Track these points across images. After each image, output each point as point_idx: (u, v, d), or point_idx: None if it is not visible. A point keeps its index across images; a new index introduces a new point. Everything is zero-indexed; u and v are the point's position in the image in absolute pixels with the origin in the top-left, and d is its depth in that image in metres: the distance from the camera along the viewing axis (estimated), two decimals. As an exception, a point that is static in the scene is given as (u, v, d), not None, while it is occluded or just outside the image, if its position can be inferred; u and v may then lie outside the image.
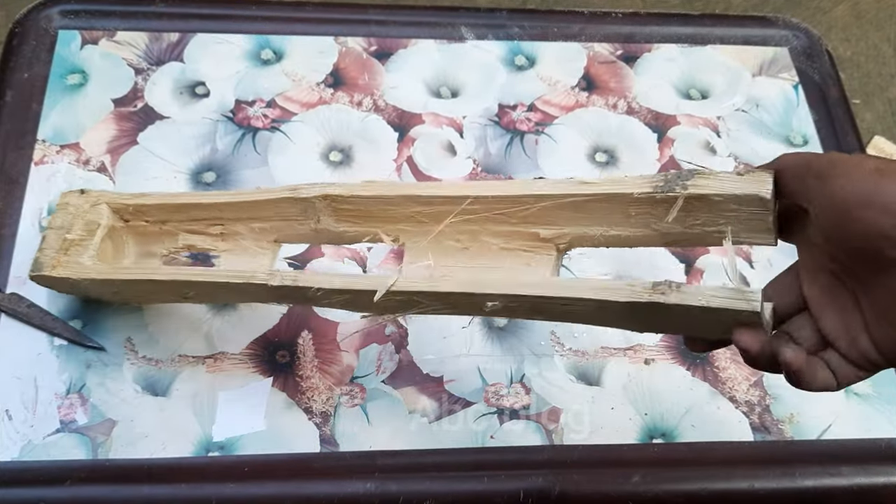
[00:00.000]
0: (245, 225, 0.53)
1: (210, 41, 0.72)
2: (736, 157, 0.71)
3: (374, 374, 0.58)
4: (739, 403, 0.59)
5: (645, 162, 0.70)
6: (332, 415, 0.56)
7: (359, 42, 0.74)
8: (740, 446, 0.58)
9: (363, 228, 0.50)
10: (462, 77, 0.73)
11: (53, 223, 0.55)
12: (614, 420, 0.58)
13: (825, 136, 0.73)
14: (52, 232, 0.55)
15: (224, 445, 0.55)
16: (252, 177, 0.66)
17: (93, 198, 0.56)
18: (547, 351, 0.60)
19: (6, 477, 0.52)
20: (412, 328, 0.60)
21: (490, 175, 0.68)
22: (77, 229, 0.54)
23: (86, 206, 0.55)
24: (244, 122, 0.68)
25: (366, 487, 0.54)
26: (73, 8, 0.71)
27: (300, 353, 0.59)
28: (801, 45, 0.78)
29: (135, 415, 0.55)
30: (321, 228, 0.51)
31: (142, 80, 0.69)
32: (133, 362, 0.57)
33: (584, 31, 0.76)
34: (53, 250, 0.54)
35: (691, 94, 0.74)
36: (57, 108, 0.67)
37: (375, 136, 0.69)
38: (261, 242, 0.54)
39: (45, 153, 0.65)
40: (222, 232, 0.54)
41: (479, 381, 0.59)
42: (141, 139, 0.66)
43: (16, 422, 0.54)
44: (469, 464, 0.55)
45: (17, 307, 0.57)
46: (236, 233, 0.54)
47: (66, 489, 0.52)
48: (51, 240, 0.55)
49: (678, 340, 0.62)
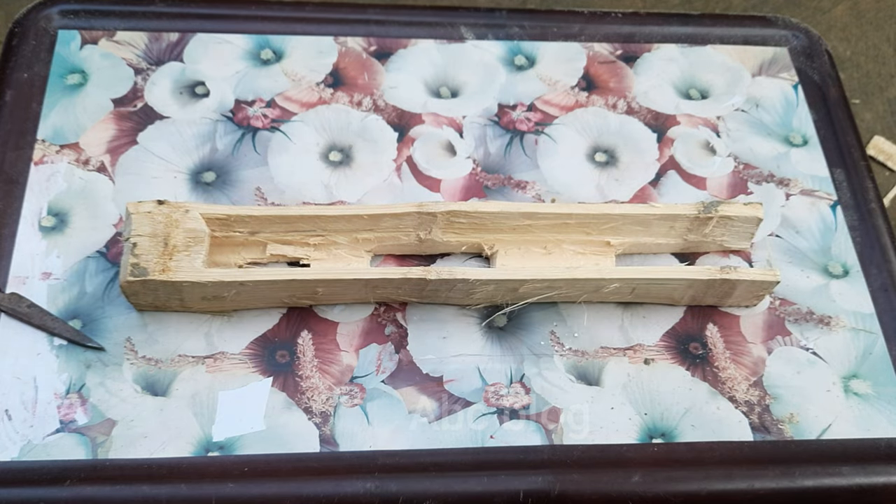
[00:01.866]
0: (347, 235, 0.60)
1: (210, 41, 0.72)
2: (735, 156, 0.71)
3: (374, 374, 0.58)
4: (739, 403, 0.59)
5: (644, 162, 0.70)
6: (332, 415, 0.56)
7: (358, 42, 0.74)
8: (740, 446, 0.58)
9: (465, 239, 0.61)
10: (462, 77, 0.73)
11: (140, 231, 0.56)
12: (614, 420, 0.58)
13: (825, 136, 0.73)
14: (145, 239, 0.56)
15: (224, 445, 0.55)
16: (252, 176, 0.66)
17: (180, 208, 0.57)
18: (546, 351, 0.60)
19: (6, 477, 0.52)
20: (412, 328, 0.60)
21: (490, 175, 0.68)
22: (178, 236, 0.56)
23: (176, 216, 0.57)
24: (244, 122, 0.68)
25: (365, 487, 0.54)
26: (73, 8, 0.72)
27: (300, 352, 0.59)
28: (800, 44, 0.78)
29: (134, 415, 0.55)
30: (427, 239, 0.60)
31: (141, 79, 0.69)
32: (133, 362, 0.57)
33: (583, 30, 0.76)
34: (155, 256, 0.55)
35: (691, 93, 0.74)
36: (56, 108, 0.67)
37: (375, 136, 0.69)
38: (357, 251, 0.60)
39: (44, 153, 0.65)
40: (320, 242, 0.60)
41: (479, 381, 0.59)
42: (141, 139, 0.66)
43: (15, 422, 0.54)
44: (469, 464, 0.55)
45: (17, 307, 0.57)
46: (334, 243, 0.60)
47: (66, 489, 0.52)
48: (147, 246, 0.55)
49: (678, 340, 0.62)
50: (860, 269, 0.66)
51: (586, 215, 0.61)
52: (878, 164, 1.39)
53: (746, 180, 0.70)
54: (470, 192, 0.67)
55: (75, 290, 0.59)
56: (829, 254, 0.67)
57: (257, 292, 0.57)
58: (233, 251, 0.59)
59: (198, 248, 0.56)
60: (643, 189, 0.68)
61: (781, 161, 0.71)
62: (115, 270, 0.60)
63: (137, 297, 0.57)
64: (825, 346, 0.62)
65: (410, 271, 0.57)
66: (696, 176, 0.70)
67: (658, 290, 0.60)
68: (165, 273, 0.55)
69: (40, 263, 0.60)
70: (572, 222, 0.61)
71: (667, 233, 0.63)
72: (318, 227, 0.59)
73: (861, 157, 0.72)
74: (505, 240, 0.62)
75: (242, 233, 0.59)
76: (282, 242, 0.59)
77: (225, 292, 0.56)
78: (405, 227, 0.60)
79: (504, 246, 0.62)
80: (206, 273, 0.55)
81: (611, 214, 0.61)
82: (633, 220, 0.61)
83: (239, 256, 0.59)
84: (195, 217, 0.57)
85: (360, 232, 0.60)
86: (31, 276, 0.59)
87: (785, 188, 0.70)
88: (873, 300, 0.65)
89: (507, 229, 0.61)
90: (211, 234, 0.58)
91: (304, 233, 0.59)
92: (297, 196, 0.65)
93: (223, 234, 0.58)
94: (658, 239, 0.63)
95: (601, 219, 0.61)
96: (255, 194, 0.65)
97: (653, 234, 0.63)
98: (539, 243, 0.62)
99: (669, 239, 0.63)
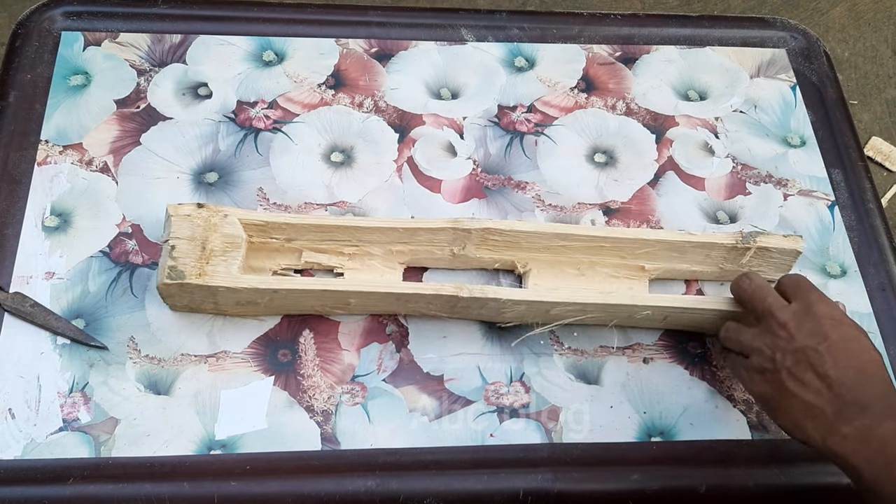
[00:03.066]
0: (382, 247, 0.60)
1: (212, 42, 0.72)
2: (734, 157, 0.71)
3: (375, 373, 0.59)
4: (737, 402, 0.60)
5: (643, 162, 0.70)
6: (334, 413, 0.57)
7: (360, 44, 0.74)
8: (738, 444, 0.58)
9: (499, 256, 0.61)
10: (462, 78, 0.73)
11: (179, 234, 0.56)
12: (613, 418, 0.59)
13: (823, 137, 0.73)
14: (184, 242, 0.56)
15: (226, 444, 0.55)
16: (254, 177, 0.66)
17: (219, 212, 0.57)
18: (546, 350, 0.61)
19: (9, 475, 0.53)
20: (412, 328, 0.61)
21: (490, 175, 0.68)
22: (216, 241, 0.56)
23: (215, 220, 0.57)
24: (246, 123, 0.69)
25: (367, 485, 0.54)
26: (76, 9, 0.72)
27: (301, 352, 0.59)
28: (798, 46, 0.78)
29: (137, 413, 0.56)
30: (461, 254, 0.61)
31: (144, 81, 0.70)
32: (136, 361, 0.57)
33: (583, 32, 0.77)
34: (193, 259, 0.55)
35: (690, 95, 0.75)
36: (60, 109, 0.67)
37: (376, 137, 0.69)
38: (391, 263, 0.61)
39: (48, 153, 0.65)
40: (353, 253, 0.60)
41: (479, 380, 0.59)
42: (143, 140, 0.67)
43: (19, 420, 0.55)
44: (469, 462, 0.56)
45: (20, 306, 0.58)
46: (368, 253, 0.60)
47: (69, 487, 0.53)
48: (185, 249, 0.56)
49: (677, 339, 0.62)
50: (858, 269, 0.66)
51: (622, 239, 0.60)
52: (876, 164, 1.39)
53: (745, 181, 0.70)
54: (470, 193, 0.67)
55: (78, 289, 0.60)
56: (826, 254, 0.67)
57: (290, 299, 0.57)
58: (268, 257, 0.60)
59: (235, 253, 0.56)
60: (642, 189, 0.69)
61: (779, 161, 0.72)
62: (118, 270, 0.61)
63: (173, 299, 0.57)
64: (823, 345, 0.63)
65: (443, 287, 0.57)
66: (695, 176, 0.70)
67: (690, 319, 0.60)
68: (202, 277, 0.55)
69: (44, 263, 0.60)
70: (607, 245, 0.60)
71: (703, 260, 0.62)
72: (354, 237, 0.59)
73: (859, 158, 0.73)
74: (538, 259, 0.61)
75: (279, 239, 0.59)
76: (317, 251, 0.60)
77: (259, 299, 0.57)
78: (439, 241, 0.60)
79: (537, 265, 0.61)
80: (242, 279, 0.56)
81: (647, 240, 0.60)
82: (670, 246, 0.61)
83: (274, 262, 0.60)
84: (233, 222, 0.57)
85: (395, 244, 0.60)
86: (35, 276, 0.60)
87: (783, 189, 0.70)
88: (871, 300, 0.65)
89: (541, 248, 0.61)
90: (248, 240, 0.58)
91: (340, 242, 0.59)
92: (299, 196, 0.65)
93: (260, 239, 0.59)
94: (693, 266, 0.62)
95: (637, 244, 0.61)
96: (256, 195, 0.65)
97: (688, 261, 0.62)
98: (573, 264, 0.62)
99: (705, 266, 0.62)
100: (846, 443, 0.47)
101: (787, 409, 0.51)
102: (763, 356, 0.52)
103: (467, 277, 0.62)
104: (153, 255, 0.61)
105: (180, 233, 0.56)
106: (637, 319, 0.60)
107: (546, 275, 0.61)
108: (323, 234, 0.59)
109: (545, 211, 0.67)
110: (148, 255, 0.61)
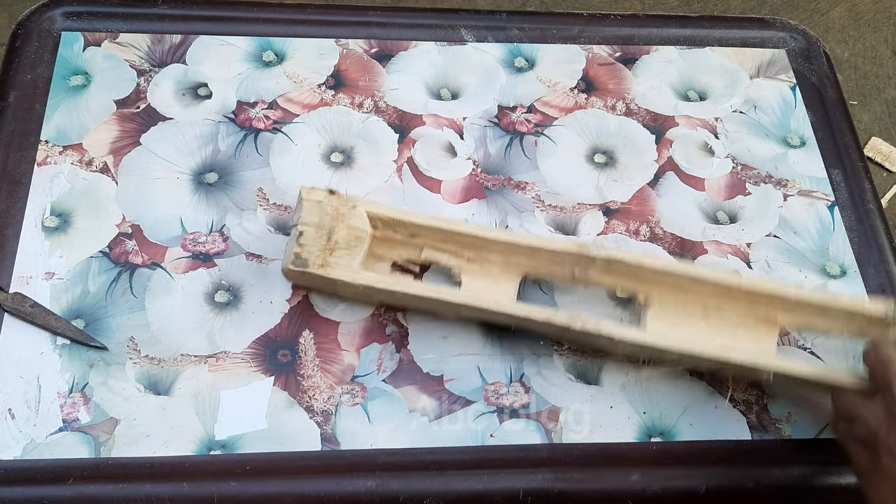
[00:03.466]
0: (501, 256, 0.59)
1: (212, 43, 0.72)
2: (734, 157, 0.72)
3: (375, 373, 0.59)
4: (737, 402, 0.60)
5: (643, 163, 0.70)
6: (333, 413, 0.57)
7: (360, 44, 0.74)
8: (738, 445, 0.58)
9: (622, 283, 0.59)
10: (462, 79, 0.73)
11: (308, 220, 0.57)
12: (613, 419, 0.59)
13: (822, 137, 0.73)
14: (311, 230, 0.57)
15: (226, 444, 0.55)
16: (254, 177, 0.66)
17: (348, 202, 0.58)
18: (546, 350, 0.61)
19: (9, 476, 0.53)
20: (412, 328, 0.61)
21: (490, 176, 0.68)
22: (341, 232, 0.57)
23: (344, 209, 0.58)
24: (246, 124, 0.69)
25: (366, 485, 0.54)
26: (76, 10, 0.72)
27: (301, 352, 0.59)
28: (798, 46, 0.78)
29: (137, 413, 0.56)
30: (581, 276, 0.59)
31: (144, 81, 0.70)
32: (135, 361, 0.57)
33: (583, 32, 0.77)
34: (318, 249, 0.57)
35: (689, 95, 0.75)
36: (60, 109, 0.67)
37: (376, 138, 0.69)
38: (509, 273, 0.59)
39: (48, 154, 0.65)
40: (473, 257, 0.59)
41: (479, 380, 0.59)
42: (143, 140, 0.67)
43: (19, 420, 0.55)
44: (469, 462, 0.56)
45: (20, 306, 0.58)
46: (487, 260, 0.59)
47: (69, 488, 0.53)
48: (311, 237, 0.57)
49: (677, 340, 0.62)
50: (857, 269, 0.66)
51: (759, 293, 0.57)
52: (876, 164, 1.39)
53: (745, 181, 0.70)
54: (470, 193, 0.67)
55: (78, 289, 0.60)
56: (826, 254, 0.67)
57: (405, 301, 0.59)
58: (391, 248, 0.60)
59: (359, 247, 0.57)
60: (642, 190, 0.69)
61: (779, 162, 0.72)
62: (118, 270, 0.61)
63: (295, 279, 0.59)
64: (823, 345, 0.63)
65: (555, 316, 0.56)
66: (695, 177, 0.70)
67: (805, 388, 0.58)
68: (324, 269, 0.56)
69: (44, 263, 0.60)
70: (741, 292, 0.57)
71: (841, 327, 0.58)
72: (476, 245, 0.59)
73: (859, 158, 0.73)
74: (663, 291, 0.59)
75: (402, 234, 0.60)
76: (438, 249, 0.60)
77: (375, 294, 0.58)
78: (561, 262, 0.59)
79: (661, 298, 0.58)
80: (361, 275, 0.57)
81: (786, 299, 0.56)
82: (811, 309, 0.57)
83: (396, 253, 0.60)
84: (361, 214, 0.58)
85: (514, 256, 0.59)
86: (35, 276, 0.60)
87: (783, 189, 0.70)
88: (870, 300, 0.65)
89: (668, 283, 0.58)
90: (372, 234, 0.58)
91: (461, 245, 0.59)
92: (299, 197, 0.65)
93: (384, 232, 0.59)
94: (833, 324, 0.58)
95: (774, 298, 0.57)
96: (256, 195, 0.65)
97: (829, 325, 0.58)
98: (698, 303, 0.58)
99: (845, 329, 0.58)
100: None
101: (877, 484, 0.50)
102: (867, 426, 0.51)
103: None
104: (153, 256, 0.61)
105: (309, 219, 0.57)
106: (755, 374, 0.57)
107: (668, 310, 0.58)
108: (445, 236, 0.59)
109: (545, 211, 0.67)
110: (148, 255, 0.61)
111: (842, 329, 0.58)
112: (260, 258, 0.62)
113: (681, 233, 0.67)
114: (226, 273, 0.61)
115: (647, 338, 0.56)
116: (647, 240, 0.66)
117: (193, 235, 0.63)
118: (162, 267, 0.61)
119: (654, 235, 0.67)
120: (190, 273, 0.61)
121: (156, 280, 0.60)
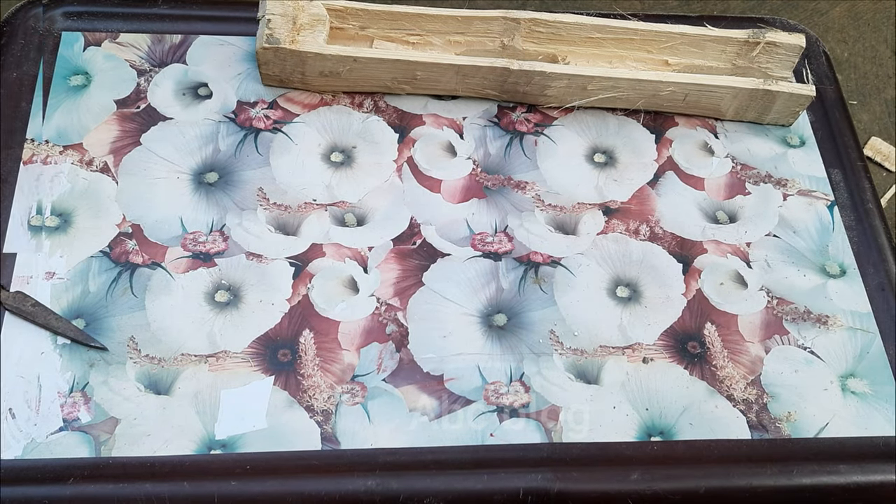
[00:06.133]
0: (442, 38, 0.70)
1: (212, 43, 0.72)
2: (734, 157, 0.72)
3: (375, 373, 0.59)
4: (737, 402, 0.60)
5: (643, 162, 0.70)
6: (334, 413, 0.57)
7: (359, 44, 0.74)
8: (738, 444, 0.58)
9: (542, 49, 0.71)
10: (462, 78, 0.73)
11: (274, 10, 0.66)
12: (613, 418, 0.59)
13: (822, 137, 0.73)
14: (278, 18, 0.66)
15: (226, 443, 0.55)
16: (254, 177, 0.66)
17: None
18: (546, 350, 0.61)
19: (10, 475, 0.53)
20: (413, 327, 0.61)
21: (490, 175, 0.68)
22: (304, 17, 0.66)
23: (302, 2, 0.67)
24: (246, 123, 0.69)
25: (367, 485, 0.54)
26: (76, 10, 0.72)
27: (301, 351, 0.59)
28: (798, 46, 0.78)
29: (137, 413, 0.56)
30: (510, 45, 0.70)
31: (144, 81, 0.70)
32: (136, 361, 0.57)
33: (583, 32, 0.77)
34: (286, 31, 0.66)
35: (689, 95, 0.75)
36: (60, 109, 0.67)
37: (376, 137, 0.69)
38: (448, 52, 0.70)
39: (48, 153, 0.65)
40: (417, 42, 0.70)
41: (479, 380, 0.59)
42: (144, 140, 0.67)
43: (19, 420, 0.55)
44: (469, 462, 0.56)
45: (21, 306, 0.58)
46: (429, 43, 0.70)
47: (69, 487, 0.53)
48: (278, 23, 0.66)
49: (676, 339, 0.62)
50: (857, 268, 0.66)
51: (648, 32, 0.70)
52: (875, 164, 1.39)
53: (744, 181, 0.70)
54: (470, 193, 0.67)
55: (78, 289, 0.60)
56: (826, 253, 0.67)
57: (367, 71, 0.67)
58: (345, 43, 0.69)
59: (320, 28, 0.66)
60: (641, 189, 0.69)
61: (779, 162, 0.72)
62: (118, 270, 0.61)
63: (268, 67, 0.67)
64: (822, 345, 0.63)
65: (497, 61, 0.67)
66: (695, 176, 0.70)
67: (708, 99, 0.69)
68: (294, 44, 0.65)
69: (44, 263, 0.60)
70: (637, 38, 0.70)
71: (718, 56, 0.72)
72: (418, 26, 0.69)
73: (858, 158, 0.73)
74: (577, 52, 0.71)
75: (354, 27, 0.69)
76: (386, 38, 0.70)
77: (341, 67, 0.66)
78: (492, 32, 0.69)
79: (575, 57, 0.71)
80: (328, 47, 0.66)
81: (671, 33, 0.71)
82: (690, 40, 0.71)
83: (350, 48, 0.67)
84: (317, 5, 0.68)
85: (453, 34, 0.70)
86: (35, 276, 0.60)
87: (782, 189, 0.70)
88: (870, 299, 0.65)
89: (580, 41, 0.71)
90: (330, 22, 0.68)
91: (406, 31, 0.69)
92: (299, 196, 0.65)
93: (338, 24, 0.69)
94: (710, 62, 0.72)
95: (662, 37, 0.71)
96: (256, 195, 0.65)
97: (706, 56, 0.72)
98: (606, 58, 0.72)
99: (720, 63, 0.72)
100: None
101: None
102: None
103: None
104: (153, 255, 0.61)
105: (274, 10, 0.66)
106: (661, 99, 0.69)
107: (583, 65, 0.71)
108: (391, 23, 0.69)
109: (545, 211, 0.67)
110: (148, 254, 0.61)
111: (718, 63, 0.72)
112: (260, 258, 0.62)
113: (681, 232, 0.67)
114: (226, 273, 0.61)
115: (572, 70, 0.67)
116: (646, 239, 0.66)
117: (194, 235, 0.63)
118: (162, 267, 0.61)
119: (653, 235, 0.67)
120: (190, 273, 0.61)
121: (156, 280, 0.60)
